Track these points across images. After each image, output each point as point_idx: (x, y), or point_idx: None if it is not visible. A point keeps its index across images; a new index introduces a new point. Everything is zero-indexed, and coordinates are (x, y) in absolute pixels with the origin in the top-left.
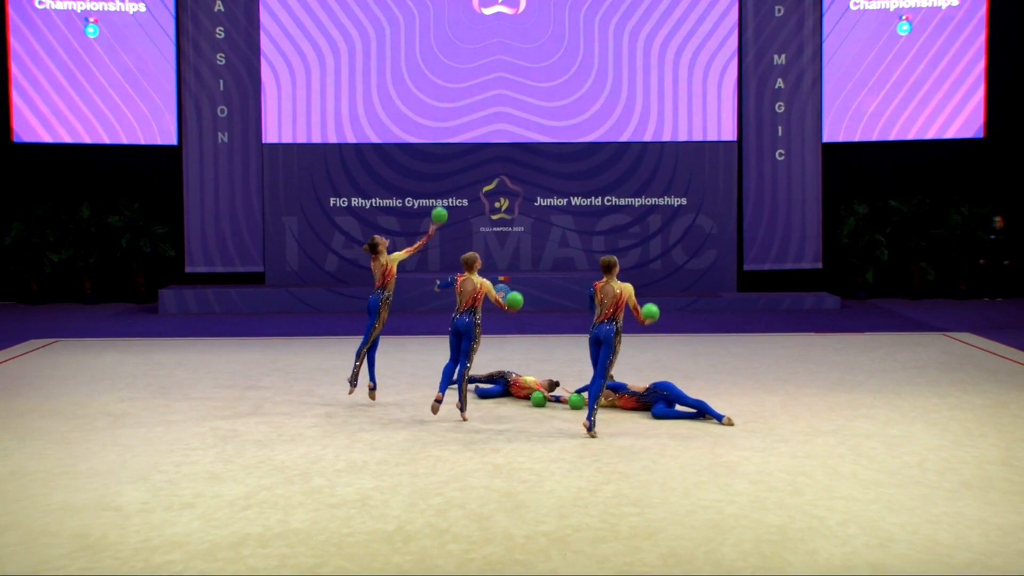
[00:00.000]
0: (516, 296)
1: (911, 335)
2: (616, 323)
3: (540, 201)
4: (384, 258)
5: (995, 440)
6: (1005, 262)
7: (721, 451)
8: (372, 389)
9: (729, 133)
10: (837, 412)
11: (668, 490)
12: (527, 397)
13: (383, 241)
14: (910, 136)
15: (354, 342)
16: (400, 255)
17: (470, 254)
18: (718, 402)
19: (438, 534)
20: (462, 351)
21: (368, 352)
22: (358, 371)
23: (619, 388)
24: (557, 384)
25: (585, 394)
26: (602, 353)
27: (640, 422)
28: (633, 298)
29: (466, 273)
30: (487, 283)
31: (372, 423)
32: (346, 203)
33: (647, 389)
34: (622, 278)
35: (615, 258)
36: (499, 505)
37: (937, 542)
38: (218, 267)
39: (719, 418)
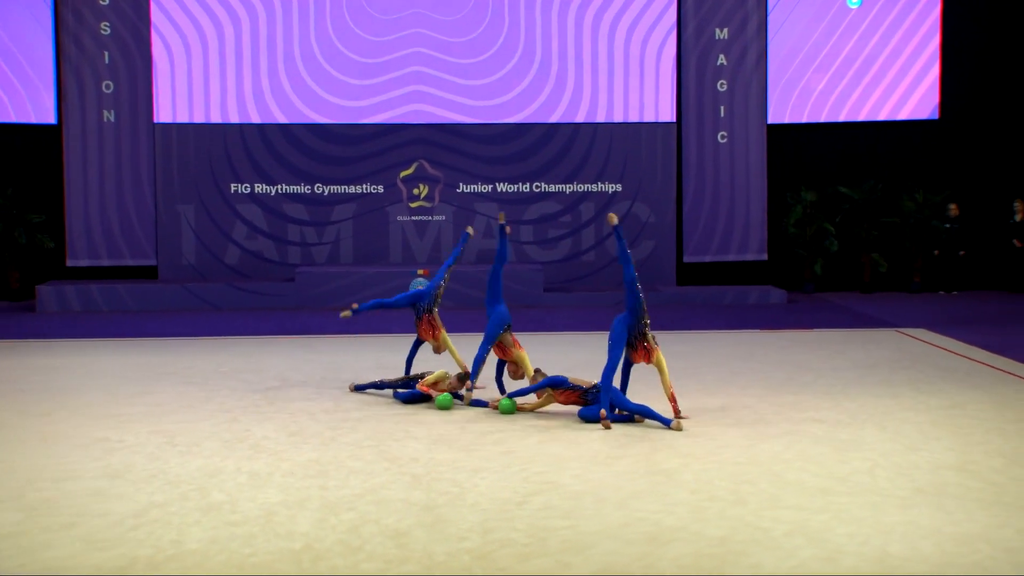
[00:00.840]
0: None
1: (862, 331)
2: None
3: (463, 187)
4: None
5: (951, 443)
6: (960, 253)
7: (659, 458)
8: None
9: (667, 114)
10: (783, 415)
11: (601, 501)
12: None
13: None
14: (861, 117)
15: (259, 342)
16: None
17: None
18: (656, 405)
19: (351, 552)
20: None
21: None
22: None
23: (560, 383)
24: (467, 376)
25: (519, 399)
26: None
27: (571, 426)
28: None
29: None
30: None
31: (278, 431)
32: (248, 189)
33: (592, 386)
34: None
35: None
36: (418, 520)
37: (889, 554)
38: (104, 260)
39: (667, 423)
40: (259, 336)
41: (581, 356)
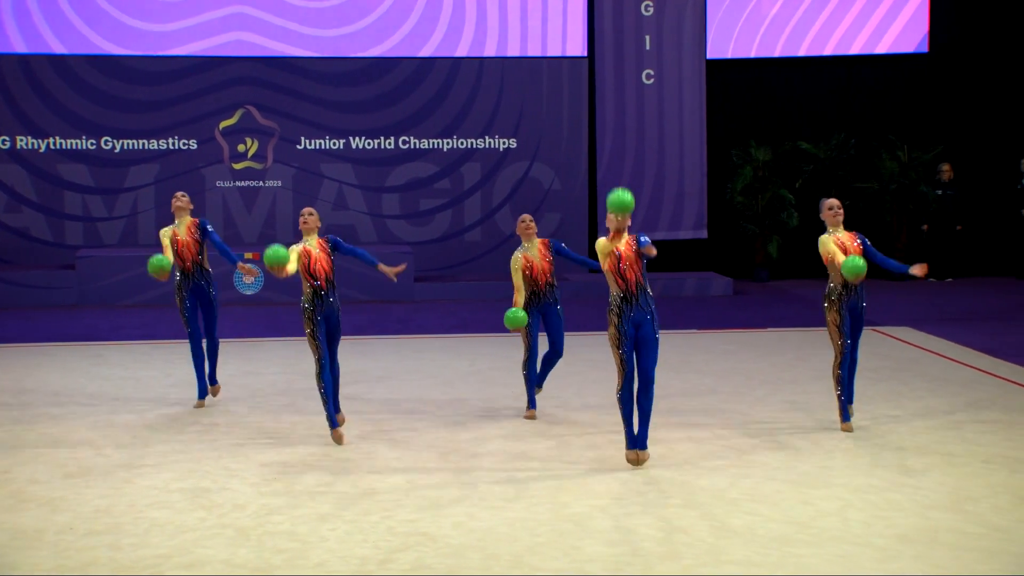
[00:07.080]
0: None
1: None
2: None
3: (305, 143)
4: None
5: (942, 476)
6: (957, 227)
7: (566, 499)
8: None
9: (577, 46)
10: (727, 440)
11: (490, 557)
12: None
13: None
14: (827, 51)
15: (24, 352)
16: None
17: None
18: (561, 431)
19: None
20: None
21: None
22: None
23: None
24: None
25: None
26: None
27: (450, 459)
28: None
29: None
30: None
31: (51, 472)
32: (7, 143)
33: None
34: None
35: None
36: None
37: None
38: None
39: None
40: (24, 344)
41: (462, 367)
